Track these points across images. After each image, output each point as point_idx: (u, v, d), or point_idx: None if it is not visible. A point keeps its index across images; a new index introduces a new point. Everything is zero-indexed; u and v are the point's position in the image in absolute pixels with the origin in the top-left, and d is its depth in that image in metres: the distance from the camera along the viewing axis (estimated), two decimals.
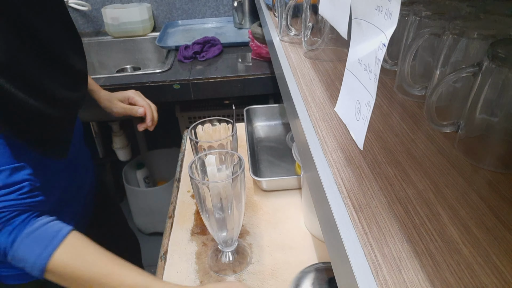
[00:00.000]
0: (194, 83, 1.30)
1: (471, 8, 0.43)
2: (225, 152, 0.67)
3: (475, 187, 0.32)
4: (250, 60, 1.43)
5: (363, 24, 0.32)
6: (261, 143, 1.10)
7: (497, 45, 0.32)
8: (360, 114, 0.33)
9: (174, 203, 0.90)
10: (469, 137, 0.36)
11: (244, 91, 1.34)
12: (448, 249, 0.27)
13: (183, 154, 1.08)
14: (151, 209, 1.86)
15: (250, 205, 0.87)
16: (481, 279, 0.25)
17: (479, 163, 0.35)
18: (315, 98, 0.49)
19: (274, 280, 0.70)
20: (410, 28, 0.45)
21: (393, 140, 0.39)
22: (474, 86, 0.33)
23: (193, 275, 0.71)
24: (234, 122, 0.77)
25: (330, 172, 0.35)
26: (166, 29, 1.71)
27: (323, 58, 0.61)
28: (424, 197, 0.32)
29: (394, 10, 0.26)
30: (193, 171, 0.63)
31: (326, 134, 0.41)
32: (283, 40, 0.71)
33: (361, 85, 0.32)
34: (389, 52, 0.51)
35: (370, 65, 0.30)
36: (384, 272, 0.26)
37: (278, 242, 0.78)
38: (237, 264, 0.72)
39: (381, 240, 0.28)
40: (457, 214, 0.30)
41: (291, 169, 0.98)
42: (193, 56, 1.44)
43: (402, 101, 0.47)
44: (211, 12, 1.81)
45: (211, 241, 0.78)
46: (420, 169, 0.35)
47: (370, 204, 0.31)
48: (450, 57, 0.39)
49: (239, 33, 1.65)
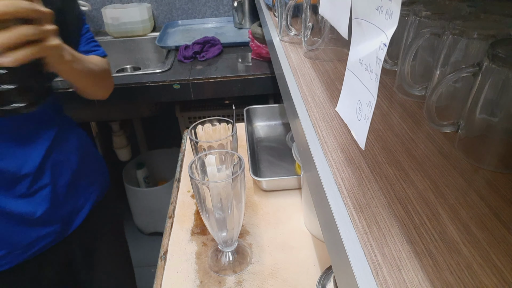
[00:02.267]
0: (194, 83, 1.30)
1: (471, 8, 0.43)
2: (225, 152, 0.67)
3: (475, 187, 0.32)
4: (250, 60, 1.44)
5: (363, 24, 0.32)
6: (261, 143, 1.10)
7: (497, 45, 0.32)
8: (362, 114, 0.33)
9: (174, 203, 0.90)
10: (469, 137, 0.36)
11: (244, 91, 1.34)
12: (448, 249, 0.27)
13: (183, 154, 1.08)
14: (151, 209, 1.86)
15: (250, 205, 0.87)
16: (481, 279, 0.25)
17: (479, 163, 0.35)
18: (315, 98, 0.49)
19: (274, 280, 0.70)
20: (410, 28, 0.45)
21: (393, 140, 0.39)
22: (474, 86, 0.34)
23: (193, 275, 0.71)
24: (234, 122, 0.77)
25: (330, 172, 0.35)
26: (166, 29, 1.71)
27: (323, 58, 0.61)
28: (424, 197, 0.32)
29: (394, 10, 0.26)
30: (193, 171, 0.63)
31: (326, 134, 0.41)
32: (283, 40, 0.71)
33: (362, 85, 0.32)
34: (389, 52, 0.51)
35: (371, 65, 0.30)
36: (384, 272, 0.26)
37: (278, 242, 0.78)
38: (237, 264, 0.72)
39: (381, 240, 0.28)
40: (457, 214, 0.30)
41: (291, 169, 0.98)
42: (193, 56, 1.44)
43: (402, 101, 0.47)
44: (211, 12, 1.81)
45: (211, 241, 0.78)
46: (420, 169, 0.35)
47: (370, 204, 0.31)
48: (450, 57, 0.39)
49: (239, 33, 1.66)
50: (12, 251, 0.69)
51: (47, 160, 0.70)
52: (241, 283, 0.69)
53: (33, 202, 0.69)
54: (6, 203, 0.66)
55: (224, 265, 0.72)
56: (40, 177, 0.70)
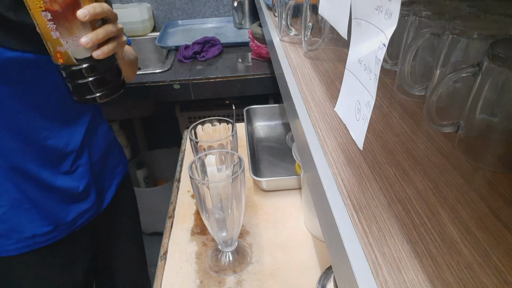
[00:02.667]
0: (194, 83, 1.30)
1: (471, 8, 0.43)
2: (225, 152, 0.67)
3: (475, 187, 0.32)
4: (250, 60, 1.44)
5: (363, 24, 0.32)
6: (261, 143, 1.10)
7: (497, 45, 0.32)
8: (360, 114, 0.33)
9: (174, 203, 0.90)
10: (469, 137, 0.36)
11: (244, 91, 1.34)
12: (448, 249, 0.27)
13: (183, 154, 1.08)
14: (151, 209, 1.86)
15: (250, 205, 0.87)
16: (481, 279, 0.25)
17: (479, 163, 0.35)
18: (315, 98, 0.49)
19: (274, 280, 0.70)
20: (410, 28, 0.45)
21: (393, 140, 0.39)
22: (474, 86, 0.33)
23: (193, 275, 0.71)
24: (234, 122, 0.77)
25: (330, 172, 0.35)
26: (166, 29, 1.71)
27: (323, 58, 0.61)
28: (424, 197, 0.32)
29: (394, 10, 0.26)
30: (193, 171, 0.63)
31: (326, 134, 0.41)
32: (283, 40, 0.71)
33: (361, 85, 0.32)
34: (389, 52, 0.51)
35: (370, 65, 0.30)
36: (384, 272, 0.26)
37: (278, 242, 0.78)
38: (237, 264, 0.72)
39: (381, 240, 0.28)
40: (457, 214, 0.30)
41: (291, 169, 0.98)
42: (193, 56, 1.44)
43: (402, 101, 0.47)
44: (211, 12, 1.81)
45: (211, 241, 0.78)
46: (420, 169, 0.35)
47: (370, 204, 0.31)
48: (450, 57, 0.38)
49: (239, 33, 1.66)
50: (58, 226, 0.78)
51: (85, 140, 0.79)
52: (241, 283, 0.69)
53: (76, 178, 0.78)
54: (55, 179, 0.74)
55: (224, 265, 0.72)
56: (80, 156, 0.78)
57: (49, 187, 0.74)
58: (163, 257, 0.75)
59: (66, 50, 0.54)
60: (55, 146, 0.73)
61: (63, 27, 0.52)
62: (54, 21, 0.51)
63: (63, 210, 0.78)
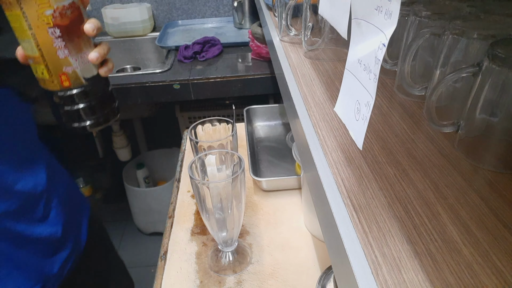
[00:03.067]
0: (194, 83, 1.30)
1: (471, 8, 0.43)
2: (225, 152, 0.67)
3: (475, 187, 0.32)
4: (250, 60, 1.44)
5: (362, 24, 0.32)
6: (261, 143, 1.10)
7: (497, 45, 0.32)
8: (360, 114, 0.33)
9: (174, 203, 0.90)
10: (469, 137, 0.36)
11: (244, 91, 1.34)
12: (448, 249, 0.27)
13: (183, 154, 1.08)
14: (151, 209, 1.86)
15: (250, 205, 0.87)
16: (481, 279, 0.25)
17: (479, 163, 0.35)
18: (315, 98, 0.49)
19: (274, 280, 0.70)
20: (410, 28, 0.45)
21: (393, 140, 0.39)
22: (474, 86, 0.33)
23: (193, 275, 0.71)
24: (234, 122, 0.77)
25: (330, 172, 0.35)
26: (166, 29, 1.71)
27: (323, 58, 0.61)
28: (424, 197, 0.32)
29: (394, 10, 0.26)
30: (193, 171, 0.63)
31: (326, 134, 0.41)
32: (283, 40, 0.71)
33: (361, 85, 0.32)
34: (389, 52, 0.51)
35: (370, 65, 0.30)
36: (384, 272, 0.26)
37: (278, 242, 0.78)
38: (237, 264, 0.72)
39: (381, 240, 0.28)
40: (457, 214, 0.30)
41: (291, 169, 0.98)
42: (193, 56, 1.44)
43: (402, 101, 0.47)
44: (211, 12, 1.81)
45: (211, 241, 0.78)
46: (420, 169, 0.35)
47: (370, 204, 0.31)
48: (450, 57, 0.38)
49: (239, 33, 1.66)
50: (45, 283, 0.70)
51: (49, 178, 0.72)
52: (241, 283, 0.69)
53: (52, 223, 0.71)
54: (33, 229, 0.68)
55: (224, 265, 0.72)
56: (50, 197, 0.71)
57: (28, 240, 0.67)
58: (163, 257, 0.75)
59: (74, 69, 0.50)
60: (25, 189, 0.66)
61: (72, 43, 0.49)
62: (63, 37, 0.48)
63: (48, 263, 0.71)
